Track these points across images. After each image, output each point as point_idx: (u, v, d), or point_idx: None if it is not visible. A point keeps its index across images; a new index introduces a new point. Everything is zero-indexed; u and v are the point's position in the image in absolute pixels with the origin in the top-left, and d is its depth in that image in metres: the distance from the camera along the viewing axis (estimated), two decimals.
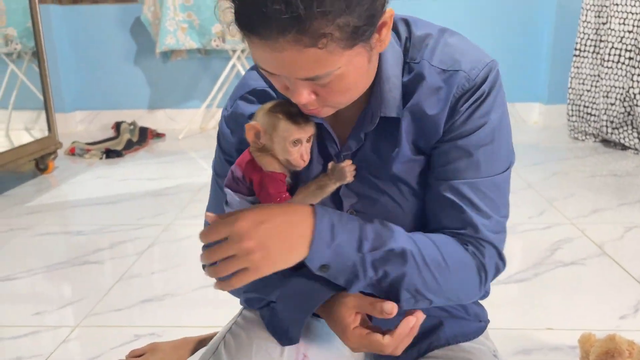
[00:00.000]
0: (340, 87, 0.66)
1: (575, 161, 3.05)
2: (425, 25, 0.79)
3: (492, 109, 0.75)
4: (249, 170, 0.76)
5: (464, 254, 0.76)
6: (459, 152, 0.75)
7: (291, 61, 0.62)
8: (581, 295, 1.58)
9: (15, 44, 3.16)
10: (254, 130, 0.75)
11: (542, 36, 3.84)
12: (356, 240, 0.71)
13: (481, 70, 0.74)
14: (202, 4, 3.48)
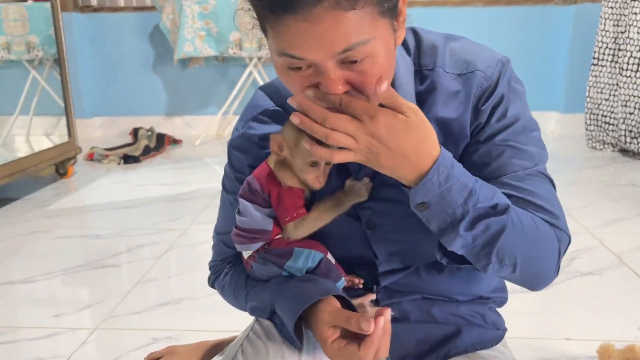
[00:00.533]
0: (374, 68, 0.64)
1: (593, 170, 3.03)
2: (429, 32, 0.80)
3: (515, 100, 0.75)
4: (269, 183, 0.77)
5: (549, 227, 0.74)
6: (500, 148, 0.74)
7: (329, 31, 0.60)
8: (600, 306, 1.57)
9: (37, 50, 3.23)
10: (278, 142, 0.75)
11: (559, 45, 3.82)
12: (467, 191, 0.67)
13: (495, 67, 0.75)
14: (220, 12, 3.52)
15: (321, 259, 0.80)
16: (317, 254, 0.80)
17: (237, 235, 0.83)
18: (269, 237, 0.80)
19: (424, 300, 0.90)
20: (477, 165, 0.76)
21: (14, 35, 3.16)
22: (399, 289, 0.89)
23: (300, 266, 0.79)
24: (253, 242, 0.81)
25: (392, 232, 0.81)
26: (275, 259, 0.80)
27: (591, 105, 3.45)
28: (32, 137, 3.40)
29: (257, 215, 0.79)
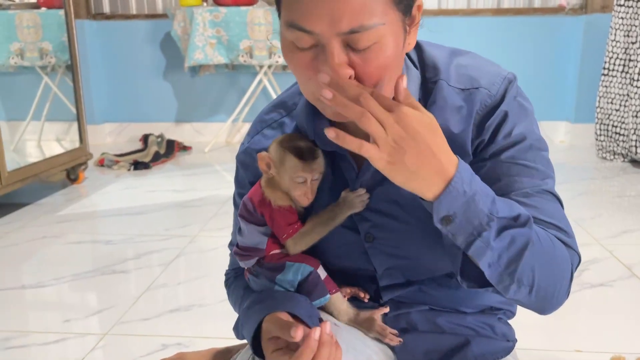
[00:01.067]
0: (378, 59, 0.64)
1: (603, 181, 3.01)
2: (434, 46, 0.80)
3: (522, 119, 0.75)
4: (260, 205, 0.79)
5: (564, 246, 0.72)
6: (507, 166, 0.74)
7: (339, 6, 0.60)
8: (610, 317, 1.56)
9: (50, 57, 3.27)
10: (265, 160, 0.77)
11: (569, 55, 3.81)
12: (490, 199, 0.64)
13: (500, 84, 0.74)
14: (231, 20, 3.54)
15: (310, 272, 0.81)
16: (306, 267, 0.81)
17: (237, 253, 0.86)
18: (262, 254, 0.82)
19: (431, 311, 0.90)
20: (486, 180, 0.75)
21: (27, 42, 3.20)
22: (406, 300, 0.89)
23: (290, 279, 0.80)
24: (249, 259, 0.83)
25: (391, 246, 0.81)
26: (267, 272, 0.82)
27: (601, 116, 3.44)
28: (43, 143, 3.43)
29: (253, 234, 0.81)
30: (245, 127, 4.15)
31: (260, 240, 0.81)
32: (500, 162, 0.74)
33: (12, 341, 1.47)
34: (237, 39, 3.56)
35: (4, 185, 2.37)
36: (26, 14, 3.19)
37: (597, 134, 3.47)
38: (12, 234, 2.28)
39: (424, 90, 0.76)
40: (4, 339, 1.48)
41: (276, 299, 0.79)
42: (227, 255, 0.97)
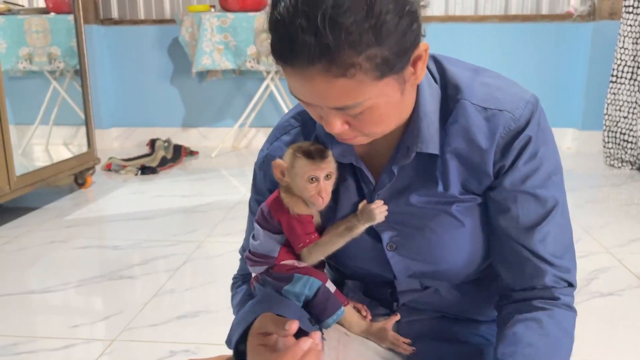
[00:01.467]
0: (372, 118, 0.67)
1: (611, 189, 3.00)
2: (455, 62, 0.79)
3: (543, 144, 0.75)
4: (277, 211, 0.79)
5: (572, 319, 0.77)
6: (523, 196, 0.75)
7: (321, 90, 0.63)
8: (619, 327, 1.54)
9: (58, 62, 3.28)
10: (279, 168, 0.78)
11: (577, 62, 3.81)
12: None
13: (524, 108, 0.74)
14: (239, 26, 3.55)
15: (319, 287, 0.80)
16: (315, 282, 0.80)
17: (248, 258, 0.85)
18: (273, 262, 0.81)
19: (443, 319, 0.90)
20: (498, 208, 0.77)
21: (36, 47, 3.22)
22: (419, 307, 0.89)
23: (297, 291, 0.80)
24: (259, 266, 0.83)
25: (413, 255, 0.81)
26: (274, 282, 0.81)
27: (609, 123, 3.42)
28: (51, 147, 3.45)
29: (267, 241, 0.81)
30: (252, 133, 4.16)
31: (272, 247, 0.81)
32: (517, 190, 0.75)
33: (20, 347, 1.47)
34: (245, 44, 3.57)
35: (13, 190, 2.38)
36: (35, 19, 3.21)
37: (605, 141, 3.45)
38: (20, 238, 2.28)
39: (444, 108, 0.76)
40: (12, 344, 1.48)
41: (269, 301, 0.79)
42: (235, 260, 0.96)
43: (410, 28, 0.63)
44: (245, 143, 4.18)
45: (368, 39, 0.59)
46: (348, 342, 0.84)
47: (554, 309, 0.76)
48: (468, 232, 0.79)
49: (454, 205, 0.77)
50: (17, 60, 3.22)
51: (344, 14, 0.58)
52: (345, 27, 0.58)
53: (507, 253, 0.79)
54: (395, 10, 0.61)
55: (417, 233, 0.79)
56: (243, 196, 2.84)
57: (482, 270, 0.85)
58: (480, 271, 0.85)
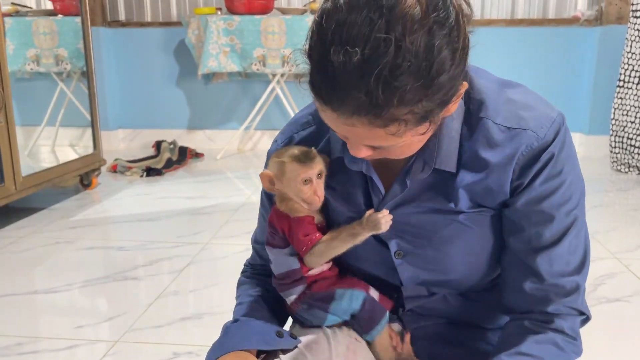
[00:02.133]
0: (400, 151, 0.68)
1: (618, 194, 2.98)
2: (483, 75, 0.78)
3: (567, 163, 0.73)
4: (279, 221, 0.79)
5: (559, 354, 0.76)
6: (541, 216, 0.74)
7: (358, 133, 0.63)
8: (626, 333, 1.53)
9: (66, 63, 3.30)
10: (267, 177, 0.77)
11: (584, 66, 3.79)
12: None
13: (549, 128, 0.72)
14: (245, 28, 3.56)
15: (364, 298, 0.80)
16: (359, 294, 0.80)
17: (276, 284, 0.85)
18: (300, 274, 0.80)
19: (449, 325, 0.89)
20: (512, 226, 0.76)
21: (43, 48, 3.24)
22: (425, 313, 0.88)
23: (345, 307, 0.80)
24: (292, 287, 0.82)
25: (422, 264, 0.81)
26: (319, 303, 0.81)
27: (616, 128, 3.41)
28: (57, 148, 3.46)
29: (283, 258, 0.81)
30: (257, 135, 4.16)
31: (289, 262, 0.80)
32: (532, 210, 0.74)
33: (24, 347, 1.47)
34: (251, 47, 3.58)
35: (19, 190, 2.39)
36: (43, 21, 3.23)
37: (612, 146, 3.44)
38: (25, 239, 2.29)
39: (467, 123, 0.75)
40: (16, 344, 1.48)
41: (229, 335, 0.80)
42: (239, 262, 0.97)
43: (459, 77, 0.62)
44: (251, 146, 4.18)
45: (419, 97, 0.59)
46: (357, 348, 0.83)
47: (542, 331, 0.76)
48: (478, 242, 0.78)
49: (464, 216, 0.76)
50: (25, 61, 3.24)
51: (400, 77, 0.57)
52: (399, 90, 0.57)
53: (511, 273, 0.78)
54: (450, 69, 0.60)
55: (425, 242, 0.79)
56: (248, 198, 2.84)
57: (492, 279, 0.85)
58: (490, 280, 0.85)
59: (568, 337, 0.76)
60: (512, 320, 0.80)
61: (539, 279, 0.75)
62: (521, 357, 0.73)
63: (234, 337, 0.80)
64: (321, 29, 0.60)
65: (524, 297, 0.77)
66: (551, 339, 0.75)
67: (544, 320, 0.76)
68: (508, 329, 0.80)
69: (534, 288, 0.76)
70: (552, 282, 0.75)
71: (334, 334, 0.82)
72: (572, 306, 0.77)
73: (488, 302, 0.87)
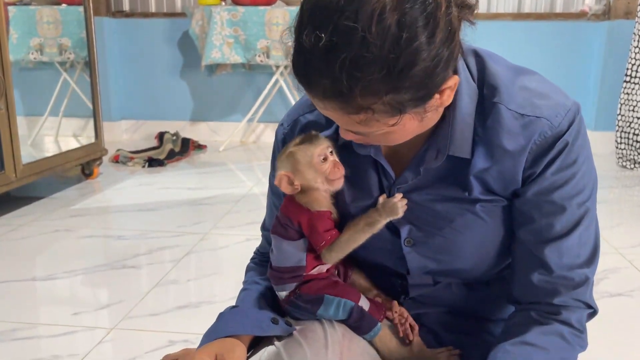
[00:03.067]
0: (387, 139, 0.67)
1: (623, 190, 2.95)
2: (498, 60, 0.76)
3: (580, 153, 0.72)
4: (296, 214, 0.77)
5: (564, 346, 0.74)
6: (552, 206, 0.72)
7: (336, 117, 0.63)
8: (628, 328, 1.51)
9: (69, 53, 3.29)
10: (285, 179, 0.75)
11: (591, 61, 3.75)
12: None
13: (564, 117, 0.70)
14: (249, 19, 3.54)
15: (352, 308, 0.78)
16: (347, 303, 0.78)
17: (273, 276, 0.83)
18: (303, 272, 0.78)
19: (451, 314, 0.88)
20: (522, 217, 0.74)
21: (46, 38, 3.23)
22: (427, 301, 0.87)
23: (331, 315, 0.79)
24: (288, 282, 0.80)
25: (431, 253, 0.79)
26: (307, 306, 0.80)
27: (622, 123, 3.37)
28: (60, 138, 3.46)
29: (291, 251, 0.78)
30: (261, 128, 4.15)
31: (299, 257, 0.78)
32: (544, 200, 0.72)
33: (19, 332, 1.46)
34: (255, 38, 3.56)
35: (19, 178, 2.39)
36: (46, 10, 3.22)
37: (618, 142, 3.40)
38: (25, 226, 2.28)
39: (480, 108, 0.73)
40: (11, 330, 1.47)
41: (223, 321, 0.79)
42: (239, 253, 0.95)
43: (440, 72, 0.60)
44: (254, 138, 4.17)
45: (385, 89, 0.57)
46: (354, 336, 0.82)
47: (548, 323, 0.74)
48: (488, 234, 0.76)
49: (477, 205, 0.74)
50: (28, 50, 3.23)
51: (363, 67, 0.56)
52: (362, 80, 0.56)
53: (520, 265, 0.77)
54: (426, 60, 0.57)
55: (436, 231, 0.77)
56: (250, 190, 2.83)
57: (499, 271, 0.83)
58: (496, 273, 0.83)
59: (575, 330, 0.75)
60: (518, 310, 0.79)
61: (548, 271, 0.73)
62: (525, 347, 0.72)
63: (228, 323, 0.79)
64: (301, 9, 0.61)
65: (532, 289, 0.75)
66: (557, 331, 0.73)
67: (550, 312, 0.75)
68: (513, 319, 0.78)
69: (542, 280, 0.74)
70: (561, 274, 0.73)
71: (330, 322, 0.81)
72: (580, 299, 0.75)
73: (492, 293, 0.86)
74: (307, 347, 0.78)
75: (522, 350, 0.71)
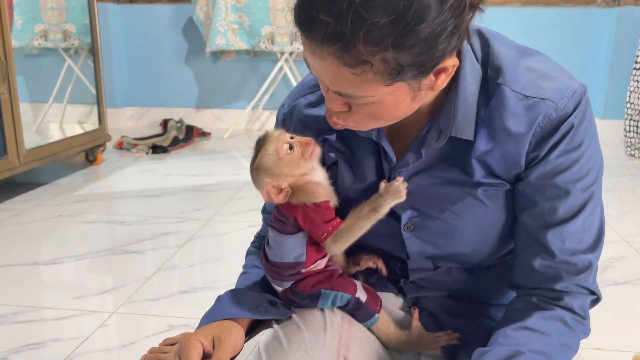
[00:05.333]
0: (373, 112, 0.64)
1: (631, 179, 2.92)
2: (503, 40, 0.74)
3: (587, 136, 0.70)
4: (291, 210, 0.74)
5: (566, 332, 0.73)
6: (555, 190, 0.70)
7: (329, 72, 0.61)
8: (633, 316, 1.49)
9: (73, 39, 3.27)
10: (272, 189, 0.73)
11: (600, 48, 3.70)
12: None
13: (569, 98, 0.68)
14: (254, 5, 3.51)
15: (349, 301, 0.78)
16: (344, 296, 0.77)
17: (269, 270, 0.80)
18: (302, 269, 0.76)
19: (451, 298, 0.87)
20: (525, 201, 0.73)
21: (51, 24, 3.21)
22: (427, 285, 0.86)
23: (329, 306, 0.79)
24: (286, 280, 0.78)
25: (430, 236, 0.78)
26: (304, 302, 0.78)
27: (631, 112, 3.33)
28: (65, 125, 3.45)
29: (289, 245, 0.76)
30: (265, 115, 4.13)
31: (300, 252, 0.76)
32: (547, 184, 0.71)
33: (19, 316, 1.46)
34: (259, 24, 3.53)
35: (22, 164, 2.38)
36: None
37: (626, 131, 3.36)
38: (28, 211, 2.29)
39: (484, 89, 0.71)
40: (12, 313, 1.47)
41: (221, 303, 0.79)
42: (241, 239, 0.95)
43: (442, 43, 0.58)
44: (259, 125, 4.15)
45: (388, 42, 0.55)
46: (352, 320, 0.81)
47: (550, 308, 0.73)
48: (489, 219, 0.75)
49: (479, 189, 0.73)
50: (33, 37, 3.22)
51: (372, 9, 0.54)
52: (367, 23, 0.54)
53: (522, 250, 0.75)
54: (434, 22, 0.56)
55: (437, 215, 0.76)
56: None
57: (500, 257, 0.82)
58: (497, 258, 0.82)
59: (577, 316, 0.73)
60: (519, 295, 0.78)
61: (551, 256, 0.72)
62: (527, 332, 0.70)
63: (226, 305, 0.79)
64: None
65: (533, 274, 0.74)
66: (559, 316, 0.72)
67: (552, 298, 0.73)
68: (515, 304, 0.77)
69: (544, 265, 0.73)
70: (563, 259, 0.72)
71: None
72: (583, 285, 0.74)
73: (493, 278, 0.85)
74: (305, 329, 0.77)
75: (523, 335, 0.70)
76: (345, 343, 0.78)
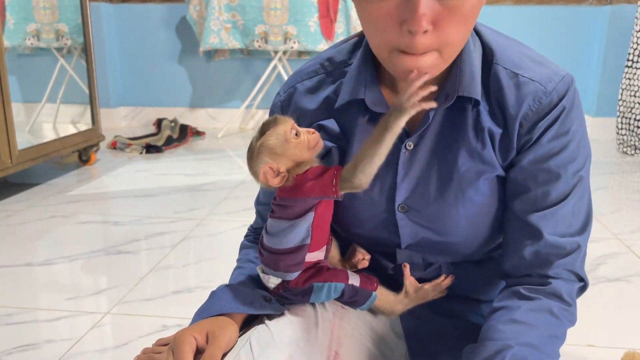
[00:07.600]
0: (463, 8, 0.61)
1: (623, 176, 2.93)
2: (493, 30, 0.77)
3: (576, 121, 0.72)
4: (291, 192, 0.72)
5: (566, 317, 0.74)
6: (548, 175, 0.72)
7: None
8: (625, 313, 1.50)
9: (66, 39, 3.26)
10: (269, 171, 0.70)
11: (592, 46, 3.72)
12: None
13: (558, 83, 0.70)
14: (247, 4, 3.51)
15: (343, 290, 0.78)
16: (337, 286, 0.77)
17: (269, 259, 0.78)
18: (307, 251, 0.75)
19: (441, 298, 0.87)
20: (517, 188, 0.74)
21: (43, 23, 3.19)
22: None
23: (324, 299, 0.79)
24: (290, 271, 0.77)
25: (424, 219, 0.78)
26: (297, 298, 0.78)
27: (623, 109, 3.34)
28: (58, 125, 3.43)
29: (294, 230, 0.74)
30: (259, 114, 4.12)
31: (305, 234, 0.73)
32: (539, 169, 0.72)
33: (13, 317, 1.46)
34: (253, 23, 3.52)
35: (15, 164, 2.37)
36: None
37: (619, 128, 3.38)
38: (21, 212, 2.28)
39: (482, 68, 0.73)
40: (5, 314, 1.47)
41: (214, 299, 0.79)
42: (234, 238, 0.94)
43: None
44: (253, 124, 4.14)
45: None
46: (344, 315, 0.82)
47: (537, 298, 0.73)
48: (483, 206, 0.76)
49: (481, 177, 0.74)
50: (25, 36, 3.20)
51: None
52: None
53: (513, 237, 0.76)
54: None
55: (433, 199, 0.76)
56: (247, 176, 2.81)
57: (489, 251, 0.82)
58: (486, 252, 0.82)
59: (564, 304, 0.74)
60: (507, 287, 0.78)
61: (540, 240, 0.73)
62: (515, 325, 0.71)
63: (220, 300, 0.79)
64: None
65: (524, 261, 0.75)
66: (547, 307, 0.73)
67: (541, 284, 0.74)
68: (502, 297, 0.78)
69: (534, 250, 0.74)
70: (553, 242, 0.73)
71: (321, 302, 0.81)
72: (572, 269, 0.75)
73: (482, 273, 0.85)
74: (297, 324, 0.77)
75: (511, 329, 0.71)
76: (337, 338, 0.79)
